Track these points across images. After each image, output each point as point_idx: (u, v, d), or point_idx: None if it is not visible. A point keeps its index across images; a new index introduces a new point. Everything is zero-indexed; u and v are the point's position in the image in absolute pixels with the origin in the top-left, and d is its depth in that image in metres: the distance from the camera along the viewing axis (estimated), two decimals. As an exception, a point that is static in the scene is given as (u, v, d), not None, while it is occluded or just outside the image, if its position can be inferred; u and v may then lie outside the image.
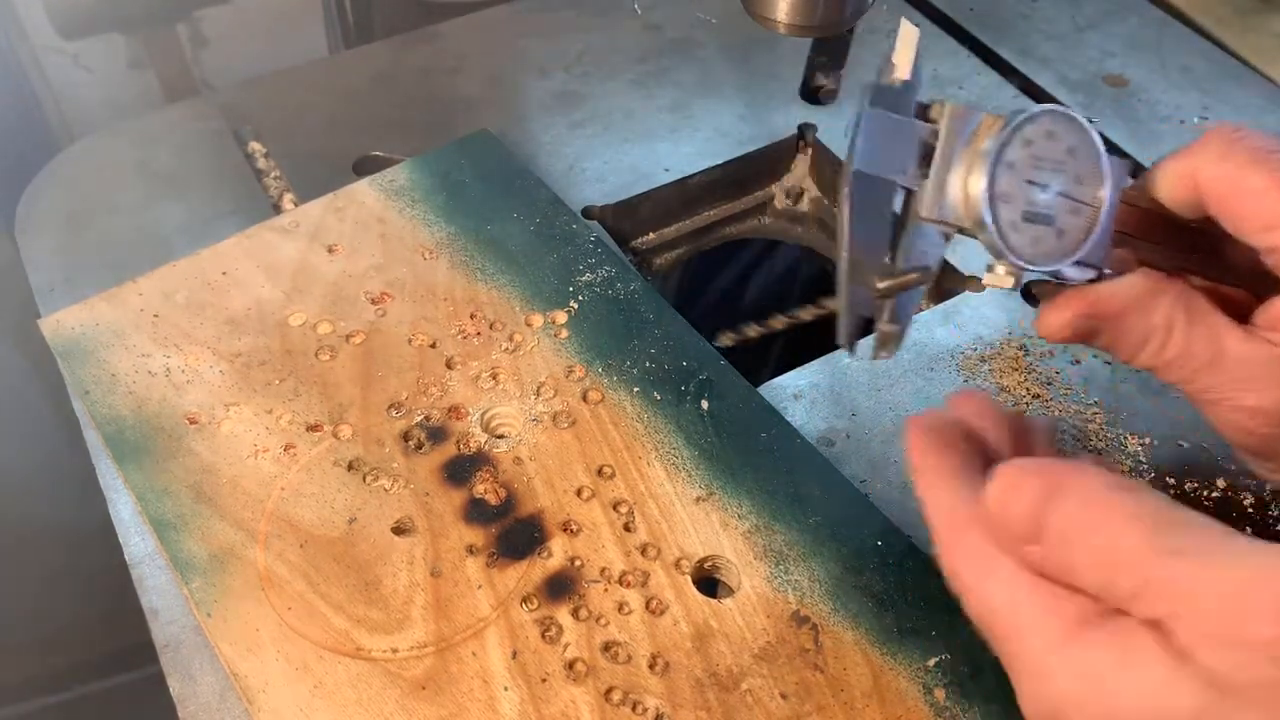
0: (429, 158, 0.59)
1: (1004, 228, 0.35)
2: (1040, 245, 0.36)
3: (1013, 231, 0.36)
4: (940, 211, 0.36)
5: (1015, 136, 0.35)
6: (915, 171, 0.36)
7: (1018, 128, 0.35)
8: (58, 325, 0.50)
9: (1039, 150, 0.36)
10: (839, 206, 0.36)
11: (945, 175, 0.36)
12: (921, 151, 0.36)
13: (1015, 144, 0.35)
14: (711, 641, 0.41)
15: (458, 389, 0.49)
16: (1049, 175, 0.36)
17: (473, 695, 0.39)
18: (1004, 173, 0.35)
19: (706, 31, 0.72)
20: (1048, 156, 0.36)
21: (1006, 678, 0.40)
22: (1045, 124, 0.36)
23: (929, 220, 0.36)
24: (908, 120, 0.36)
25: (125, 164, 0.62)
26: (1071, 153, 0.36)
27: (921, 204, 0.36)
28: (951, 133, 0.36)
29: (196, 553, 0.43)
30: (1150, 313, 0.37)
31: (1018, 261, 0.36)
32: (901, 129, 0.36)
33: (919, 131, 0.36)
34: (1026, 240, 0.36)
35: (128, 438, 0.46)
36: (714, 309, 0.94)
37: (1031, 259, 0.36)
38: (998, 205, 0.35)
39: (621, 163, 0.63)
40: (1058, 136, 0.36)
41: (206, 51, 1.02)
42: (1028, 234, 0.36)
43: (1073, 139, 0.36)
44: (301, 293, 0.52)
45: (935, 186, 0.36)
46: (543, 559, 0.43)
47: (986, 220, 0.35)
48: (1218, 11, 0.78)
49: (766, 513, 0.45)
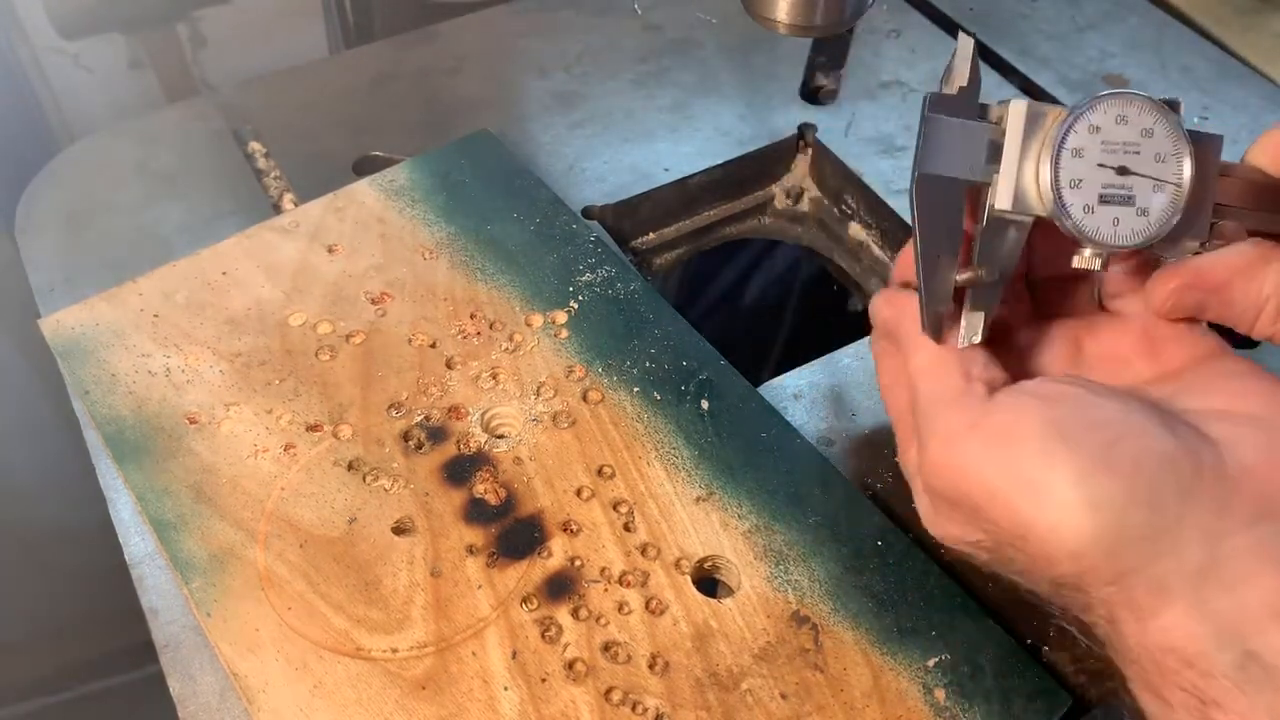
0: (429, 158, 0.59)
1: (1078, 212, 0.37)
2: (1122, 225, 0.37)
3: (1088, 215, 0.37)
4: (1015, 203, 0.37)
5: (1079, 124, 0.37)
6: (985, 169, 0.38)
7: (1079, 116, 0.37)
8: (58, 325, 0.50)
9: (1110, 134, 0.37)
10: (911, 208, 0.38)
11: (1017, 168, 0.37)
12: (990, 150, 0.38)
13: (1080, 131, 0.37)
14: (711, 641, 0.41)
15: (458, 389, 0.49)
16: (1123, 157, 0.37)
17: (473, 695, 0.39)
18: (1070, 159, 0.37)
19: (706, 31, 0.72)
20: (1120, 139, 0.37)
21: (1006, 678, 0.40)
22: (1112, 109, 0.37)
23: (1004, 212, 0.38)
24: (972, 122, 0.38)
25: (125, 164, 0.62)
26: (1148, 133, 0.37)
27: (996, 197, 0.38)
28: (1018, 128, 0.37)
29: (196, 553, 0.43)
30: (1260, 281, 0.37)
31: (1099, 241, 0.37)
32: (965, 130, 0.38)
33: (985, 132, 0.38)
34: (1105, 222, 0.37)
35: (128, 438, 0.46)
36: (714, 309, 0.94)
37: (1113, 239, 0.37)
38: (1068, 191, 0.37)
39: (621, 163, 0.63)
40: (1129, 120, 0.37)
41: (206, 51, 1.02)
42: (1106, 216, 0.37)
43: (1148, 120, 0.37)
44: (301, 293, 0.52)
45: (1008, 180, 0.37)
46: (543, 559, 0.43)
47: (1058, 207, 0.37)
48: (1218, 11, 0.78)
49: (766, 513, 0.45)
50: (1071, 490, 0.33)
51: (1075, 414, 0.34)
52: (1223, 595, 0.32)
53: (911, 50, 0.71)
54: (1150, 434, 0.34)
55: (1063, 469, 0.33)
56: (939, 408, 0.37)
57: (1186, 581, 0.33)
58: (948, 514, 0.38)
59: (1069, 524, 0.33)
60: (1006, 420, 0.35)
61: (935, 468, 0.37)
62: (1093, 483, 0.33)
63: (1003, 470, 0.34)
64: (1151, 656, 0.33)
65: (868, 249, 0.64)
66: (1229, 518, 0.33)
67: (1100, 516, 0.33)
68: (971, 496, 0.36)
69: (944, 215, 0.38)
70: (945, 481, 0.37)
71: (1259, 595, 0.32)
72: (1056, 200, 0.37)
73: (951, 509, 0.37)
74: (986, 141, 0.38)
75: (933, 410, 0.37)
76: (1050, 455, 0.33)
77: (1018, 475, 0.34)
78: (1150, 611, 0.33)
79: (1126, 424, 0.34)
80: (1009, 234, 0.38)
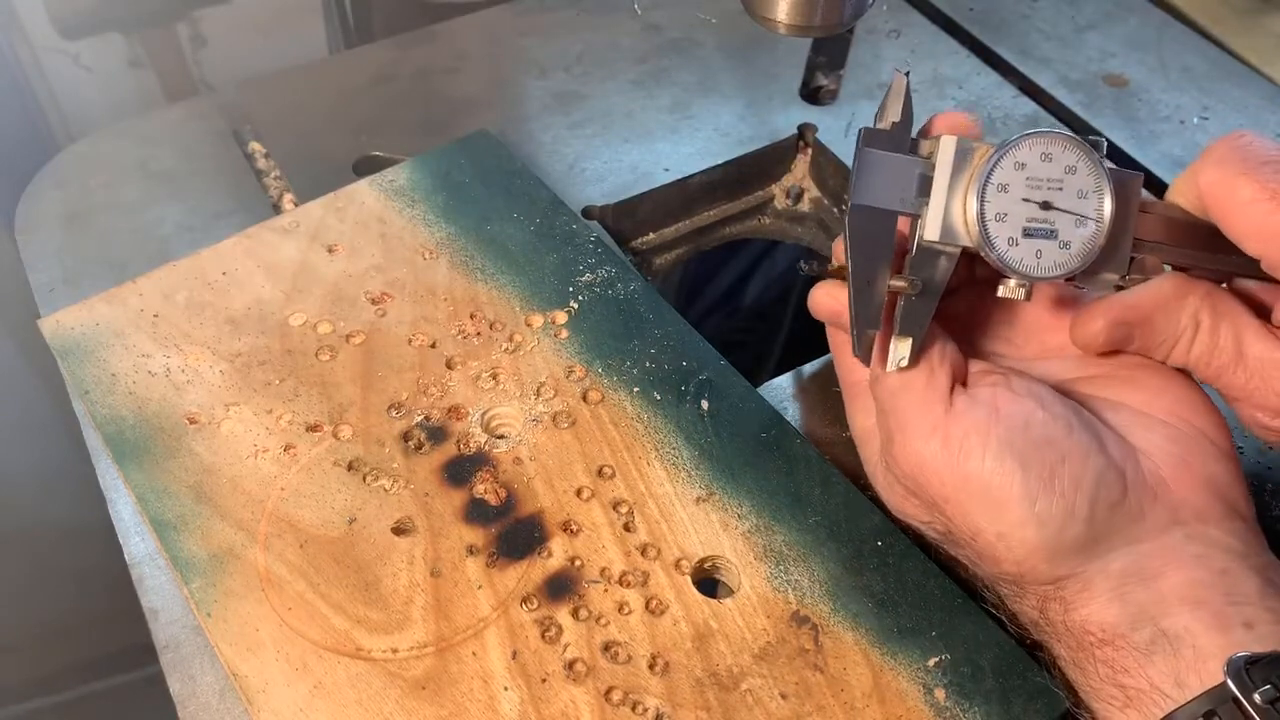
0: (429, 158, 0.59)
1: (1002, 245, 0.39)
2: (1045, 258, 0.39)
3: (1012, 248, 0.39)
4: (944, 234, 0.39)
5: (1004, 160, 0.39)
6: (915, 201, 0.40)
7: (1004, 153, 0.39)
8: (58, 325, 0.50)
9: (1034, 171, 0.39)
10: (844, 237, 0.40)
11: (945, 201, 0.39)
12: (920, 184, 0.40)
13: (1007, 167, 0.39)
14: (711, 641, 0.41)
15: (458, 389, 0.49)
16: (1047, 193, 0.39)
17: (473, 695, 0.39)
18: (996, 194, 0.39)
19: (706, 31, 0.72)
20: (1044, 176, 0.39)
21: (1006, 678, 0.40)
22: (1038, 146, 0.39)
23: (932, 243, 0.39)
24: (903, 156, 0.40)
25: (125, 164, 0.62)
26: (1071, 170, 0.39)
27: (925, 228, 0.39)
28: (947, 162, 0.39)
29: (196, 553, 0.43)
30: (1178, 313, 0.39)
31: (1021, 273, 0.39)
32: (897, 165, 0.40)
33: (915, 166, 0.40)
34: (1029, 254, 0.39)
35: (128, 438, 0.46)
36: (714, 309, 0.94)
37: (1036, 270, 0.39)
38: (993, 224, 0.39)
39: (621, 163, 0.63)
40: (1054, 157, 0.39)
41: (206, 51, 1.02)
42: (1030, 248, 0.39)
43: (1071, 158, 0.39)
44: (301, 293, 0.52)
45: (936, 212, 0.39)
46: (543, 559, 0.43)
47: (983, 239, 0.39)
48: (1218, 11, 0.78)
49: (766, 513, 0.45)
50: (1020, 507, 0.37)
51: (1027, 433, 0.38)
52: (1139, 588, 0.37)
53: (911, 50, 0.71)
54: (1089, 454, 0.38)
55: (1014, 487, 0.37)
56: (904, 399, 0.40)
57: (1110, 580, 0.38)
58: (904, 496, 0.42)
59: (1016, 535, 0.38)
60: (966, 431, 0.38)
61: (897, 461, 0.40)
62: (1040, 501, 0.37)
63: (960, 478, 0.38)
64: (1074, 635, 0.38)
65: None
66: (1146, 524, 0.38)
67: (1044, 531, 0.37)
68: (929, 492, 0.39)
69: (876, 244, 0.40)
70: (906, 475, 0.40)
71: (1169, 586, 0.37)
72: (982, 232, 0.39)
73: (909, 494, 0.41)
74: (917, 175, 0.39)
75: (897, 402, 0.40)
76: (1004, 474, 0.38)
77: (973, 486, 0.38)
78: (1078, 604, 0.38)
79: (1070, 443, 0.38)
80: (939, 262, 0.40)
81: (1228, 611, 0.36)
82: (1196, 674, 0.35)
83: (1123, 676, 0.37)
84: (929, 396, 0.39)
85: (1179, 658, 0.36)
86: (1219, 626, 0.36)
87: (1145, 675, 0.36)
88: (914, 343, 0.40)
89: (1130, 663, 0.36)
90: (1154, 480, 0.39)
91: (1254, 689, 0.33)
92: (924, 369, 0.40)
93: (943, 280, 0.40)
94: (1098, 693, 0.38)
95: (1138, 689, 0.36)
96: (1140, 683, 0.36)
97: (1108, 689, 0.37)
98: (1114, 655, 0.37)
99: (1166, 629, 0.36)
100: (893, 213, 0.40)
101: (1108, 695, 0.37)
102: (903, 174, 0.39)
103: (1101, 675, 0.37)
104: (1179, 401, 0.41)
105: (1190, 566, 0.37)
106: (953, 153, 0.39)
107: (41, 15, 0.91)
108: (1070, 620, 0.39)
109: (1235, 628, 0.36)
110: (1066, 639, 0.39)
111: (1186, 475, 0.39)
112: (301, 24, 1.02)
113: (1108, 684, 0.37)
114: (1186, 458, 0.39)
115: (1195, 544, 0.38)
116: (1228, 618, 0.36)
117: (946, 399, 0.39)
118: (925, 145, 0.40)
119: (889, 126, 0.40)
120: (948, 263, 0.40)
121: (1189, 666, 0.35)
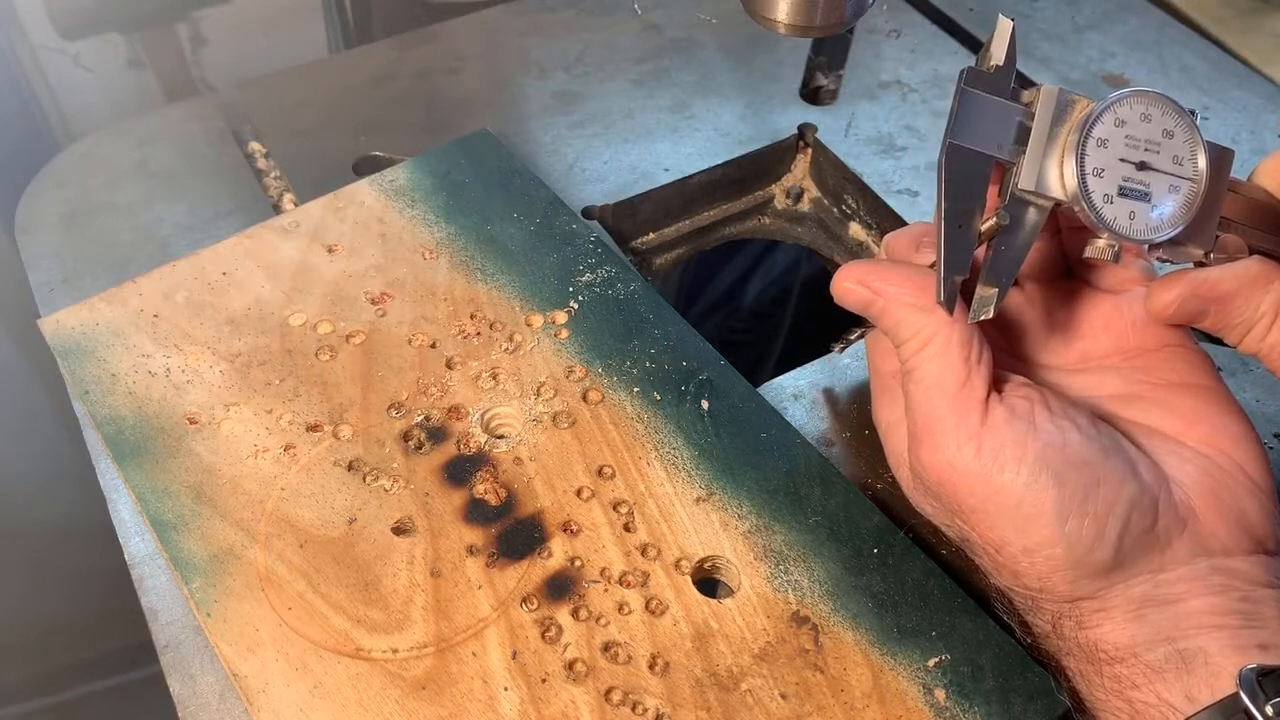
0: (429, 158, 0.59)
1: (1099, 200, 0.38)
2: (1138, 220, 0.38)
3: (1107, 205, 0.38)
4: (1037, 185, 0.38)
5: (1106, 115, 0.38)
6: (1012, 148, 0.38)
7: (1108, 107, 0.38)
8: (58, 325, 0.50)
9: (1134, 130, 0.38)
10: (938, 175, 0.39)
11: (1042, 152, 0.38)
12: (1018, 131, 0.38)
13: (1107, 122, 0.38)
14: (711, 642, 0.41)
15: (458, 389, 0.49)
16: (1144, 154, 0.38)
17: (473, 695, 0.39)
18: (1095, 149, 0.38)
19: (706, 31, 0.72)
20: (1143, 136, 0.38)
21: (1006, 678, 0.40)
22: (1139, 105, 0.38)
23: (1026, 192, 0.38)
24: (1004, 101, 0.39)
25: (125, 164, 0.62)
26: (1168, 134, 0.38)
27: (1019, 177, 0.38)
28: (1047, 113, 0.38)
29: (196, 553, 0.43)
30: (1259, 299, 0.38)
31: (1115, 231, 0.38)
32: (998, 109, 0.38)
33: (1014, 112, 0.39)
34: (1123, 214, 0.38)
35: (128, 438, 0.46)
36: (714, 309, 0.94)
37: (1128, 231, 0.38)
38: (1091, 179, 0.38)
39: (621, 163, 0.63)
40: (1153, 119, 0.38)
41: (206, 51, 1.02)
42: (1123, 208, 0.38)
43: (1169, 122, 0.38)
44: (301, 293, 0.52)
45: (1032, 162, 0.38)
46: (543, 559, 0.43)
47: (1079, 193, 0.38)
48: (1218, 11, 0.78)
49: (766, 513, 0.45)
50: (1051, 525, 0.37)
51: (1064, 452, 0.38)
52: (1157, 612, 0.37)
53: (911, 50, 0.71)
54: (1125, 479, 0.38)
55: (1047, 504, 0.37)
56: (938, 400, 0.39)
57: (1130, 604, 0.38)
58: (925, 496, 0.42)
59: (1044, 553, 0.38)
60: (1003, 443, 0.38)
61: (924, 464, 0.39)
62: (1071, 521, 0.37)
63: (991, 490, 0.38)
64: (1085, 651, 0.38)
65: (868, 249, 0.64)
66: (1172, 553, 0.38)
67: (1072, 552, 0.37)
68: (955, 500, 0.39)
69: (971, 186, 0.38)
70: (933, 480, 0.40)
71: (1188, 611, 0.37)
72: (1081, 185, 0.37)
73: (934, 497, 0.41)
74: (1016, 122, 0.38)
75: (930, 402, 0.39)
76: (1038, 490, 0.37)
77: (1005, 499, 0.38)
78: (1093, 623, 0.38)
79: (1106, 466, 0.38)
80: (1028, 215, 0.38)
81: (1244, 634, 0.36)
82: (1209, 689, 0.35)
83: (1131, 691, 0.37)
84: (966, 402, 0.38)
85: (1191, 674, 0.35)
86: (1235, 647, 0.35)
87: (1154, 690, 0.36)
88: (999, 294, 0.38)
89: (1140, 678, 0.36)
90: (1184, 510, 0.38)
91: (1266, 700, 0.33)
92: (960, 370, 0.38)
93: (1032, 235, 0.38)
94: (1103, 704, 0.38)
95: (1145, 703, 0.36)
96: (1149, 696, 0.36)
97: (1114, 702, 0.37)
98: (1124, 672, 0.37)
99: (1182, 649, 0.36)
100: (988, 156, 0.38)
101: (1114, 708, 0.37)
102: (1003, 119, 0.38)
103: (1109, 689, 0.37)
104: (1215, 430, 0.40)
105: (1211, 593, 0.37)
106: (1054, 103, 0.38)
107: (41, 15, 0.91)
108: (1083, 637, 0.38)
109: (1250, 649, 0.35)
110: (1077, 654, 0.39)
111: (1216, 508, 0.38)
112: (301, 24, 1.02)
113: (1114, 697, 0.37)
114: (1218, 490, 0.39)
115: (1219, 575, 0.38)
116: (1244, 639, 0.36)
117: (983, 406, 0.38)
118: (1025, 94, 0.39)
119: (991, 69, 0.39)
120: (1037, 215, 0.38)
121: (1201, 682, 0.35)
